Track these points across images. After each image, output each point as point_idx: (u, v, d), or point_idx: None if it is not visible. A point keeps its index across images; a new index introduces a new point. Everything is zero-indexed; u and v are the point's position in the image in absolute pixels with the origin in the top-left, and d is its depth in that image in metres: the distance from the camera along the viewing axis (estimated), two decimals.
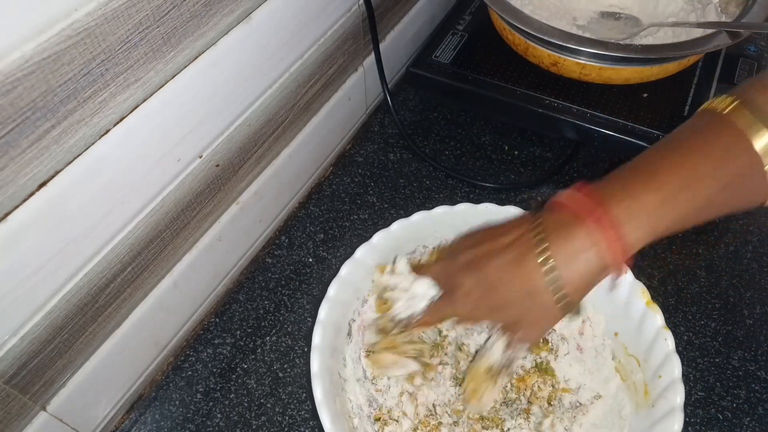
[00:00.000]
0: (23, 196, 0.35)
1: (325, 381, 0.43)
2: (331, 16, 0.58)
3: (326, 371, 0.44)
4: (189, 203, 0.49)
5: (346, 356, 0.48)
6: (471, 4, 0.79)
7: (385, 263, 0.49)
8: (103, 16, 0.34)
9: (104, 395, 0.49)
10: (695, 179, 0.36)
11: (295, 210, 0.66)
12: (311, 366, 0.43)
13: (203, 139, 0.47)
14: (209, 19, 0.42)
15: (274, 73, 0.53)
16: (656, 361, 0.44)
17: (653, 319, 0.45)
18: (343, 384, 0.47)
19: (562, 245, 0.37)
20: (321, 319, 0.45)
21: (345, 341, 0.48)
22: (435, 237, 0.52)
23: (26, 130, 0.33)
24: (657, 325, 0.45)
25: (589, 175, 0.68)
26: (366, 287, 0.50)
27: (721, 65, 0.71)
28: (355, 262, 0.48)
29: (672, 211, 0.36)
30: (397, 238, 0.50)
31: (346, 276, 0.48)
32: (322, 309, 0.46)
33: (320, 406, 0.41)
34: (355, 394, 0.47)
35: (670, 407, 0.41)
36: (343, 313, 0.48)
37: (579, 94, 0.67)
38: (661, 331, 0.45)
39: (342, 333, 0.48)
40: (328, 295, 0.46)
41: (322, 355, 0.44)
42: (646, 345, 0.45)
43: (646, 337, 0.45)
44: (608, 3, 0.75)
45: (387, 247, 0.50)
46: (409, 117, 0.75)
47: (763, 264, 0.60)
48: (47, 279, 0.38)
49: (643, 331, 0.46)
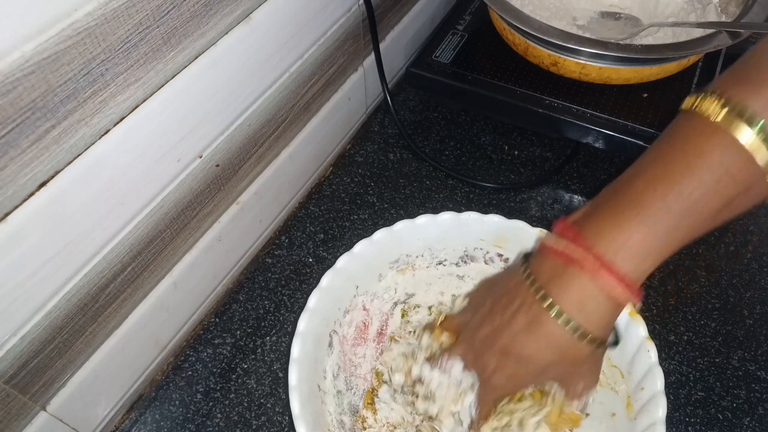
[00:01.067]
0: (23, 196, 0.35)
1: (303, 393, 0.42)
2: (331, 16, 0.58)
3: (305, 383, 0.43)
4: (189, 203, 0.49)
5: (326, 368, 0.48)
6: (471, 4, 0.79)
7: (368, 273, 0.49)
8: (103, 16, 0.34)
9: (104, 395, 0.49)
10: (695, 204, 0.34)
11: (295, 210, 0.66)
12: (289, 378, 0.42)
13: (203, 139, 0.48)
14: (209, 19, 0.42)
15: (274, 73, 0.53)
16: (639, 373, 0.44)
17: (636, 330, 0.45)
18: (323, 397, 0.46)
19: (567, 296, 0.36)
20: (300, 331, 0.45)
21: (326, 353, 0.48)
22: (418, 246, 0.52)
23: (26, 130, 0.33)
24: (640, 336, 0.45)
25: (589, 175, 0.68)
26: (348, 296, 0.49)
27: (721, 65, 0.71)
28: (336, 271, 0.48)
29: (673, 241, 0.34)
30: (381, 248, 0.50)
31: (328, 285, 0.47)
32: (302, 320, 0.45)
33: (297, 419, 0.41)
34: (334, 407, 0.47)
35: (652, 420, 0.41)
36: (324, 323, 0.47)
37: (579, 94, 0.67)
38: (645, 343, 0.44)
39: (323, 344, 0.47)
40: (308, 306, 0.46)
41: (300, 366, 0.43)
42: (630, 356, 0.45)
43: (630, 348, 0.45)
44: (608, 3, 0.75)
45: (371, 255, 0.50)
46: (409, 117, 0.75)
47: (763, 264, 0.60)
48: (47, 279, 0.38)
49: (626, 342, 0.45)
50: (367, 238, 0.49)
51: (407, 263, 0.53)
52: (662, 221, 0.34)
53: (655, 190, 0.34)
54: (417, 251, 0.52)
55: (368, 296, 0.52)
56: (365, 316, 0.52)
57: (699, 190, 0.34)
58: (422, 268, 0.53)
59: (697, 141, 0.34)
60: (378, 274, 0.52)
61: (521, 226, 0.50)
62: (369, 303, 0.52)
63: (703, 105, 0.35)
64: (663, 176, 0.34)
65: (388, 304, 0.53)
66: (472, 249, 0.53)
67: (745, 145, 0.33)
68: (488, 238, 0.52)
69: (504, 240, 0.51)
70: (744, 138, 0.33)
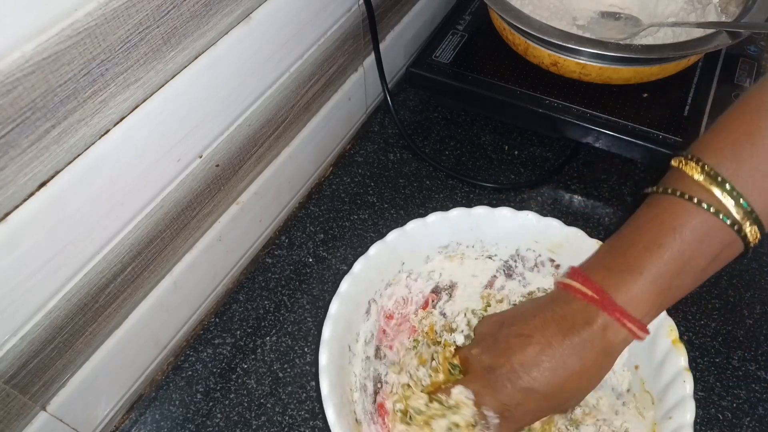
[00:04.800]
0: (23, 196, 0.35)
1: (333, 350, 0.43)
2: (331, 16, 0.58)
3: (336, 341, 0.44)
4: (189, 203, 0.49)
5: (360, 332, 0.48)
6: (471, 4, 0.79)
7: (416, 253, 0.50)
8: (103, 16, 0.34)
9: (104, 395, 0.49)
10: (685, 265, 0.39)
11: (295, 210, 0.66)
12: (323, 333, 0.43)
13: (203, 139, 0.48)
14: (209, 19, 0.42)
15: (274, 73, 0.53)
16: (670, 402, 0.43)
17: (677, 359, 0.44)
18: (351, 358, 0.47)
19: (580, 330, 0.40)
20: (341, 292, 0.46)
21: (362, 318, 0.48)
22: (470, 237, 0.52)
23: (26, 130, 0.33)
24: (679, 366, 0.44)
25: (589, 175, 0.68)
26: (392, 271, 0.50)
27: (721, 65, 0.71)
28: (385, 244, 0.49)
29: (669, 296, 0.40)
30: (432, 231, 0.51)
31: (374, 256, 0.48)
32: (344, 282, 0.46)
33: (322, 371, 0.42)
34: (360, 370, 0.47)
35: None
36: (365, 289, 0.48)
37: (579, 94, 0.67)
38: (682, 373, 0.43)
39: (361, 309, 0.48)
40: (353, 271, 0.47)
41: (335, 325, 0.44)
42: (664, 384, 0.44)
43: (666, 376, 0.44)
44: (608, 3, 0.75)
45: (422, 235, 0.50)
46: (409, 117, 0.75)
47: (763, 264, 0.60)
48: (47, 279, 0.38)
49: (663, 369, 0.44)
50: (420, 219, 0.50)
51: (457, 251, 0.53)
52: (663, 281, 0.39)
53: (651, 254, 0.39)
54: (469, 241, 0.52)
55: (413, 275, 0.52)
56: (406, 292, 0.52)
57: (689, 251, 0.38)
58: (471, 258, 0.53)
59: (683, 207, 0.39)
60: (426, 256, 0.52)
61: (579, 235, 0.49)
62: (412, 282, 0.52)
63: (686, 167, 0.39)
64: (656, 239, 0.39)
65: (430, 286, 0.53)
66: (524, 249, 0.52)
67: (718, 207, 0.38)
68: (543, 241, 0.51)
69: (558, 246, 0.51)
70: (716, 201, 0.38)
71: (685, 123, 0.64)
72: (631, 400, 0.47)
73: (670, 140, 0.63)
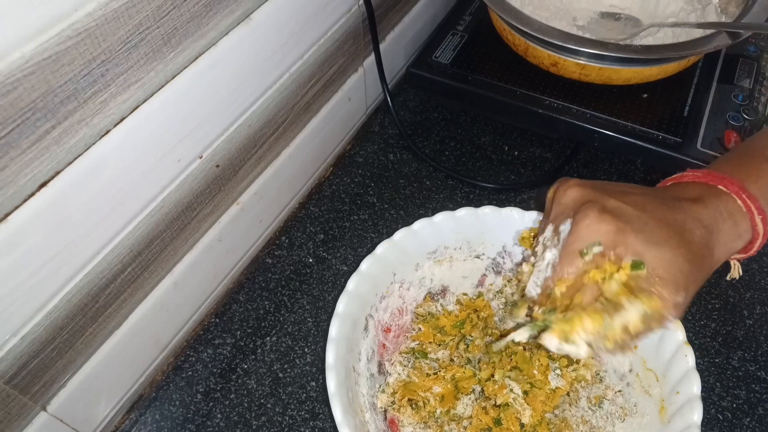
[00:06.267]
0: (23, 196, 0.35)
1: (340, 373, 0.43)
2: (331, 17, 0.58)
3: (341, 363, 0.44)
4: (189, 204, 0.49)
5: (361, 350, 0.48)
6: (471, 5, 0.79)
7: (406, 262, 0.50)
8: (104, 16, 0.34)
9: (104, 395, 0.49)
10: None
11: (295, 210, 0.66)
12: (327, 357, 0.43)
13: (203, 140, 0.48)
14: (209, 19, 0.42)
15: (274, 74, 0.53)
16: (675, 377, 0.44)
17: (674, 335, 0.44)
18: (357, 378, 0.47)
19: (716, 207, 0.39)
20: (339, 312, 0.45)
21: (361, 335, 0.48)
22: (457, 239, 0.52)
23: (26, 130, 0.33)
24: (678, 341, 0.44)
25: (589, 175, 0.68)
26: (385, 283, 0.50)
27: (721, 65, 0.71)
28: (376, 257, 0.48)
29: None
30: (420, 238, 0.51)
31: (367, 271, 0.48)
32: (341, 302, 0.46)
33: (333, 397, 0.41)
34: (367, 389, 0.47)
35: (687, 424, 0.40)
36: (361, 305, 0.48)
37: (579, 94, 0.67)
38: (682, 347, 0.44)
39: (359, 327, 0.48)
40: (348, 289, 0.47)
41: (337, 347, 0.44)
42: (666, 360, 0.45)
43: (666, 352, 0.45)
44: (608, 3, 0.75)
45: (410, 244, 0.50)
46: (409, 117, 0.75)
47: (763, 264, 0.60)
48: (48, 279, 0.39)
49: (663, 346, 0.45)
50: (407, 228, 0.50)
51: (445, 255, 0.53)
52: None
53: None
54: (455, 244, 0.52)
55: (405, 284, 0.52)
56: (401, 303, 0.52)
57: None
58: (459, 260, 0.53)
59: None
60: (416, 264, 0.52)
61: None
62: (405, 291, 0.52)
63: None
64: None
65: (422, 293, 0.53)
66: (510, 245, 0.53)
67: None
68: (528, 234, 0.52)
69: None
70: None
71: (685, 123, 0.65)
72: (635, 380, 0.48)
73: (670, 140, 0.63)
